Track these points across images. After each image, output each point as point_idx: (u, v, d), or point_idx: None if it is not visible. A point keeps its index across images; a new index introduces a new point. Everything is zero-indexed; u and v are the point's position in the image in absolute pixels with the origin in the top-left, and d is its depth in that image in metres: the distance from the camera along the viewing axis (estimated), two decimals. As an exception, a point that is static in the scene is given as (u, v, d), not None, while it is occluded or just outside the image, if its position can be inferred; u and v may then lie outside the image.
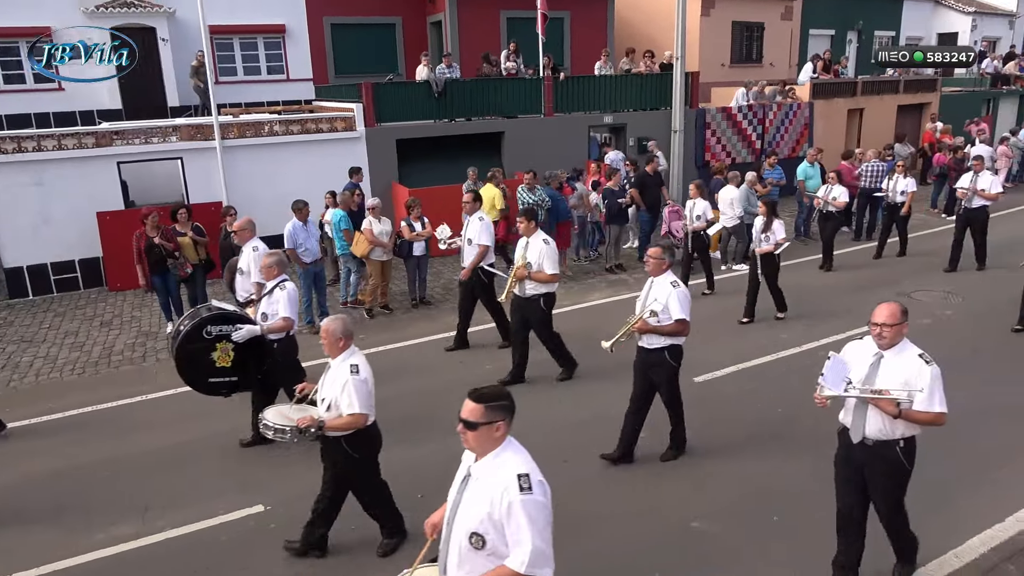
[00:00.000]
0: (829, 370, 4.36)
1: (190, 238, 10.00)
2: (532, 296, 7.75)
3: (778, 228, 9.73)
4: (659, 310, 5.97)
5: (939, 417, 4.23)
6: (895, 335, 4.31)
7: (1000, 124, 25.12)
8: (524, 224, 7.82)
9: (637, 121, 17.26)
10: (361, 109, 14.36)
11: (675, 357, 6.16)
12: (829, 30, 26.50)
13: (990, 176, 11.87)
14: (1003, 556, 5.08)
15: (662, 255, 6.14)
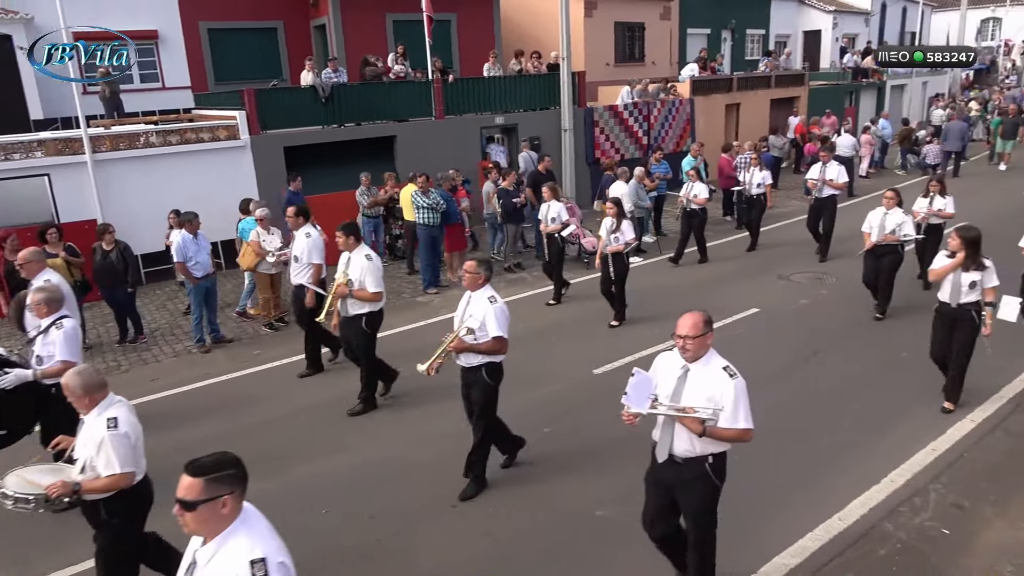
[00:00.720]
0: (633, 387, 4.12)
1: (63, 259, 9.32)
2: (354, 315, 7.25)
3: (627, 228, 9.62)
4: (476, 327, 5.65)
5: (744, 434, 4.08)
6: (699, 347, 4.09)
7: (862, 115, 27.07)
8: (343, 239, 7.24)
9: (528, 121, 17.50)
10: (244, 117, 13.87)
11: (493, 375, 5.83)
12: (705, 29, 27.72)
13: (837, 166, 12.37)
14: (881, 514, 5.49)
15: (478, 269, 5.80)
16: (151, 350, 9.86)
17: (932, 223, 10.25)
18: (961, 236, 6.56)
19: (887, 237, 9.18)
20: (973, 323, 6.64)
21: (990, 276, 6.55)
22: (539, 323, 10.21)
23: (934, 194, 10.27)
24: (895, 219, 9.19)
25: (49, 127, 15.13)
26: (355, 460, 6.64)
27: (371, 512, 5.79)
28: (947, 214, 10.19)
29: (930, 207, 10.22)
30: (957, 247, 6.56)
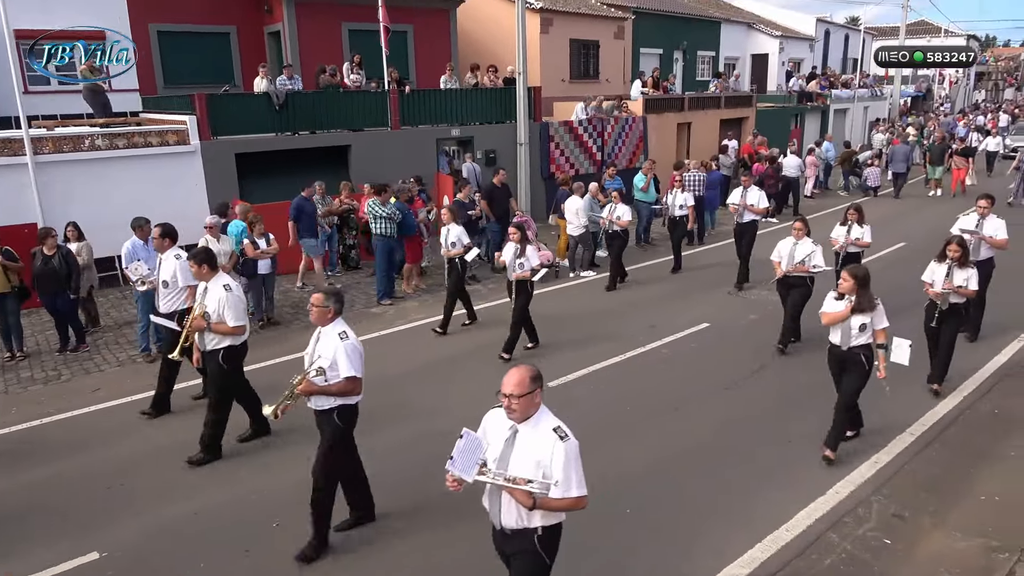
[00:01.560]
0: (460, 451, 3.67)
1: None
2: (212, 350, 6.61)
3: (532, 254, 9.13)
4: (326, 366, 5.12)
5: (577, 502, 3.66)
6: (526, 407, 3.66)
7: (807, 136, 27.98)
8: (196, 268, 6.59)
9: (484, 134, 17.58)
10: (195, 121, 13.58)
11: (345, 418, 5.30)
12: (657, 49, 28.33)
13: (758, 192, 12.26)
14: (826, 525, 5.65)
15: (325, 302, 5.22)
16: (94, 359, 9.54)
17: (850, 252, 10.02)
18: (853, 275, 6.31)
19: (797, 267, 8.93)
20: (862, 367, 6.38)
21: (880, 317, 6.34)
22: (451, 350, 9.79)
23: (852, 222, 10.07)
24: (804, 249, 8.95)
25: (-13, 127, 14.55)
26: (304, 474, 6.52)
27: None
28: (864, 243, 10.04)
29: (848, 236, 10.02)
30: (849, 289, 6.28)
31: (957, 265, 7.61)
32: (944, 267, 7.69)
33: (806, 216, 13.22)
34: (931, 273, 7.82)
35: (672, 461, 6.63)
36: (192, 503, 6.06)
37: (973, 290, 7.63)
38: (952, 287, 7.58)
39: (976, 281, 7.67)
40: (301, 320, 11.01)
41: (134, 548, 5.49)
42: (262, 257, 10.28)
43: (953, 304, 7.69)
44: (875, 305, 6.32)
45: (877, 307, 6.34)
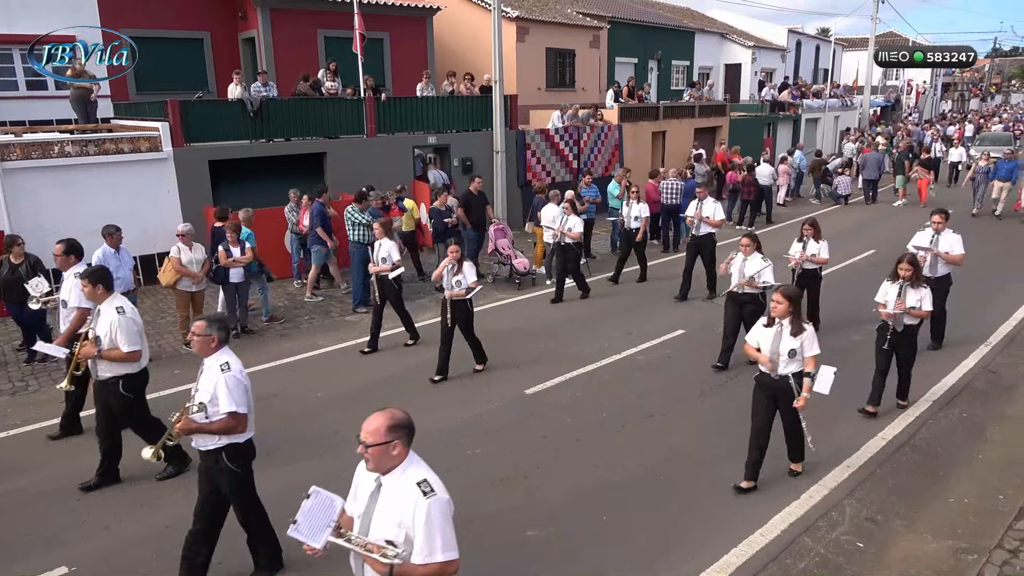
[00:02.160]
0: (305, 513, 3.27)
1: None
2: (108, 379, 6.12)
3: (469, 271, 8.57)
4: (207, 401, 4.69)
5: (444, 568, 3.13)
6: (380, 457, 3.17)
7: (779, 145, 28.39)
8: (89, 288, 6.04)
9: (460, 142, 17.60)
10: (168, 128, 13.44)
11: (237, 459, 4.80)
12: (632, 58, 28.58)
13: (713, 203, 11.96)
14: (801, 529, 5.71)
15: (207, 330, 4.75)
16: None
17: (807, 268, 9.77)
18: (787, 297, 5.95)
19: (746, 283, 8.57)
20: (793, 394, 5.98)
21: (811, 343, 5.95)
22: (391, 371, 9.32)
23: (808, 238, 9.70)
24: (754, 266, 8.56)
25: (-48, 132, 14.26)
26: (268, 489, 6.46)
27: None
28: (821, 259, 9.70)
29: (803, 252, 9.68)
30: (783, 312, 5.91)
31: (910, 285, 7.27)
32: (896, 287, 7.34)
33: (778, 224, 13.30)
34: (883, 293, 7.45)
35: (648, 467, 6.67)
36: (162, 517, 5.96)
37: (927, 311, 7.32)
38: (905, 308, 7.25)
39: (930, 301, 7.32)
40: (275, 328, 10.92)
41: (102, 562, 5.40)
42: (234, 265, 10.17)
43: (908, 326, 7.38)
44: (804, 329, 5.94)
45: (808, 332, 5.96)
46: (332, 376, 9.06)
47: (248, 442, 4.90)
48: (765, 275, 8.53)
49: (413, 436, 3.29)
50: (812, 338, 5.97)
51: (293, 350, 9.97)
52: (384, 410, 3.27)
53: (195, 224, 11.59)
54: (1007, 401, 8.07)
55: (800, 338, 5.90)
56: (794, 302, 5.96)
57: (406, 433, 3.25)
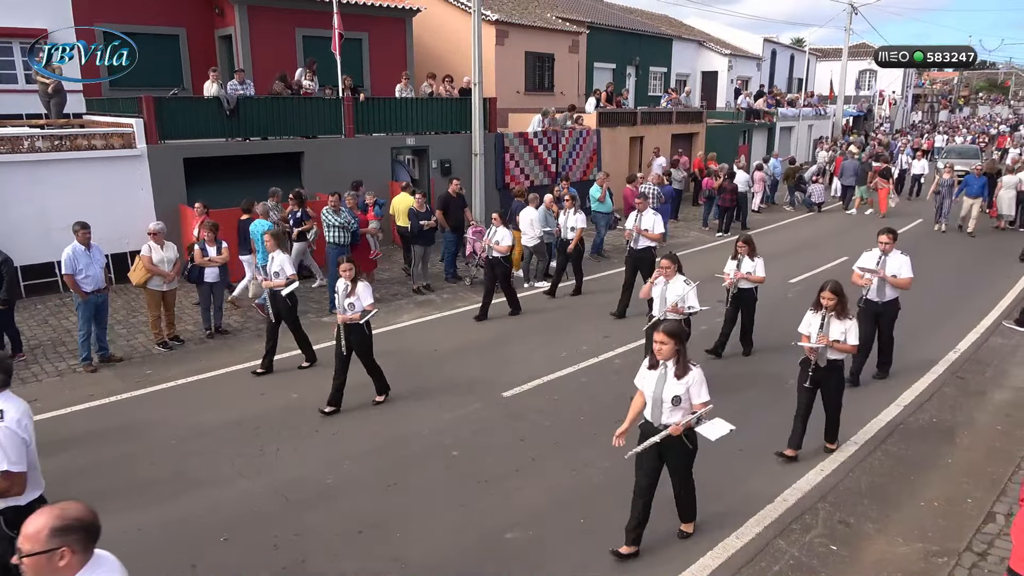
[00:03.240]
0: None
1: None
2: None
3: (364, 292, 7.69)
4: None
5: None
6: (38, 569, 2.53)
7: (755, 152, 28.74)
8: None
9: (439, 144, 17.56)
10: (142, 125, 13.23)
11: (14, 524, 3.82)
12: (611, 64, 28.76)
13: (652, 215, 11.33)
14: (775, 532, 5.78)
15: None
16: (31, 368, 9.17)
17: (742, 287, 9.21)
18: (671, 335, 5.10)
19: (671, 309, 7.88)
20: (684, 447, 5.20)
21: (699, 387, 5.10)
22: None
23: (742, 256, 9.08)
24: (676, 290, 7.91)
25: (-83, 125, 13.93)
26: (255, 486, 6.39)
27: (274, 541, 5.58)
28: (756, 278, 9.12)
29: (738, 270, 9.09)
30: (668, 353, 5.09)
31: (834, 315, 6.54)
32: (819, 317, 6.61)
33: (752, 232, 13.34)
34: (807, 324, 6.73)
35: (625, 471, 6.67)
36: (136, 518, 5.86)
37: (852, 345, 6.58)
38: (828, 341, 6.51)
39: (855, 334, 6.56)
40: (251, 328, 10.80)
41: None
42: (210, 265, 10.04)
43: (832, 361, 6.65)
44: (690, 370, 5.11)
45: (692, 373, 5.11)
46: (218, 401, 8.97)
47: (32, 504, 3.97)
48: (690, 299, 7.89)
49: (95, 537, 2.63)
50: (700, 382, 5.12)
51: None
52: (52, 508, 2.61)
53: (170, 222, 11.46)
54: (946, 441, 7.38)
55: (685, 382, 5.07)
56: (680, 341, 5.14)
57: (81, 537, 2.57)
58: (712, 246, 17.22)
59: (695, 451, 5.30)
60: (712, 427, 5.37)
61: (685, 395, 5.08)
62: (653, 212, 11.46)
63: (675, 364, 5.11)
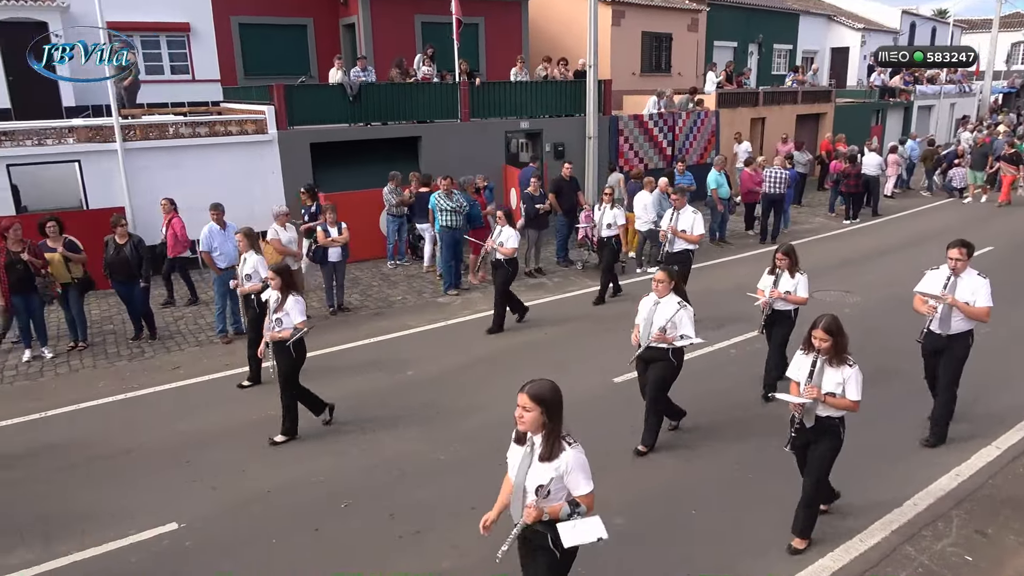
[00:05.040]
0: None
1: (60, 255, 9.15)
2: None
3: (293, 307, 6.69)
4: None
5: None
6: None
7: (888, 134, 26.89)
8: None
9: (553, 127, 17.52)
10: (273, 111, 13.98)
11: None
12: (732, 42, 27.66)
13: (692, 214, 9.91)
14: (903, 538, 5.44)
15: None
16: (174, 338, 9.95)
17: (778, 309, 7.45)
18: (537, 399, 3.57)
19: (658, 336, 6.30)
20: (548, 551, 3.75)
21: (576, 474, 3.64)
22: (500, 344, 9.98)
23: (781, 270, 7.41)
24: (666, 311, 6.32)
25: (80, 114, 15.32)
26: (371, 459, 6.66)
27: (390, 511, 5.81)
28: (797, 299, 7.32)
29: (775, 288, 7.40)
30: (531, 424, 3.61)
31: (827, 361, 5.01)
32: (809, 361, 5.09)
33: (885, 217, 12.29)
34: (796, 370, 5.20)
35: (743, 462, 6.50)
36: (266, 481, 6.25)
37: (852, 401, 4.96)
38: (818, 394, 4.98)
39: (856, 387, 4.95)
40: (370, 307, 11.23)
41: (210, 521, 5.71)
42: (332, 245, 10.51)
43: (823, 419, 5.08)
44: (564, 448, 3.64)
45: (567, 455, 3.63)
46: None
47: None
48: (683, 326, 6.29)
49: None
50: (577, 467, 3.63)
51: (381, 330, 10.19)
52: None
53: (295, 205, 12.06)
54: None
55: (555, 466, 3.62)
56: (549, 408, 3.58)
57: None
58: (837, 233, 16.34)
59: (567, 558, 3.79)
60: (578, 529, 3.67)
61: (549, 485, 3.60)
62: (693, 211, 10.12)
63: (542, 441, 3.65)
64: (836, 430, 5.09)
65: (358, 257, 12.64)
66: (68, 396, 8.11)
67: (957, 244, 6.49)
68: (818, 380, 5.00)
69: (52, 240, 9.22)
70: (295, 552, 5.34)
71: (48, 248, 9.15)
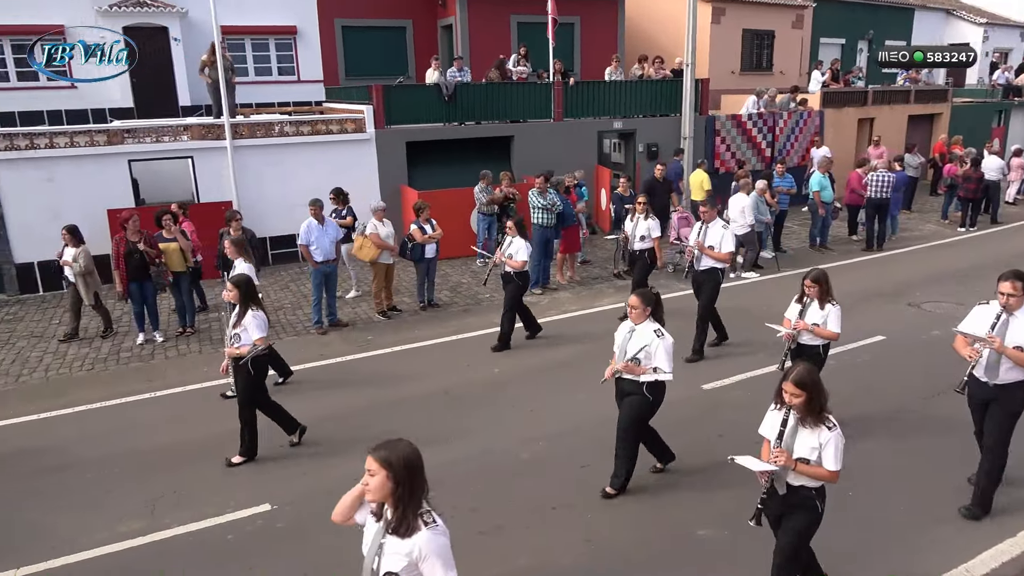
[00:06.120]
0: None
1: (177, 245, 9.80)
2: None
3: (252, 323, 6.35)
4: None
5: None
6: None
7: (1012, 136, 25.07)
8: None
9: (647, 127, 17.26)
10: (371, 111, 14.39)
11: None
12: (839, 39, 26.46)
13: (722, 229, 8.83)
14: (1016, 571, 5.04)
15: None
16: (273, 328, 10.37)
17: (804, 343, 6.54)
18: (384, 463, 3.01)
19: (629, 367, 5.66)
20: None
21: (433, 565, 2.97)
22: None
23: (810, 299, 6.50)
24: (640, 340, 5.64)
25: (194, 113, 16.24)
26: (456, 452, 6.74)
27: (473, 504, 5.86)
28: (826, 333, 6.42)
29: (800, 319, 6.50)
30: (380, 490, 3.02)
31: (800, 421, 4.17)
32: (779, 421, 4.26)
33: (1005, 225, 11.50)
34: (768, 427, 4.38)
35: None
36: (350, 468, 6.41)
37: (830, 472, 4.10)
38: (788, 461, 4.14)
39: (834, 454, 4.07)
40: (459, 303, 11.38)
41: (301, 504, 5.91)
42: (428, 242, 10.70)
43: (795, 488, 4.22)
44: (418, 530, 2.97)
45: (422, 532, 2.97)
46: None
47: None
48: (657, 357, 5.59)
49: None
50: (434, 554, 2.95)
51: (469, 327, 10.31)
52: None
53: (392, 202, 12.37)
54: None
55: (407, 549, 2.97)
56: (398, 473, 2.99)
57: None
58: (951, 241, 15.37)
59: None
60: None
61: (409, 573, 2.99)
62: (723, 225, 8.92)
63: (392, 513, 3.02)
64: (811, 503, 4.19)
65: (448, 255, 12.84)
66: (176, 378, 8.62)
67: (1010, 276, 5.32)
68: (789, 442, 4.16)
69: (167, 231, 9.83)
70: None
71: (164, 239, 9.76)
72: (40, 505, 6.03)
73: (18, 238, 12.09)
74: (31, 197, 12.02)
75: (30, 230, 12.02)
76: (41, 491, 6.26)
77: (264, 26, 18.08)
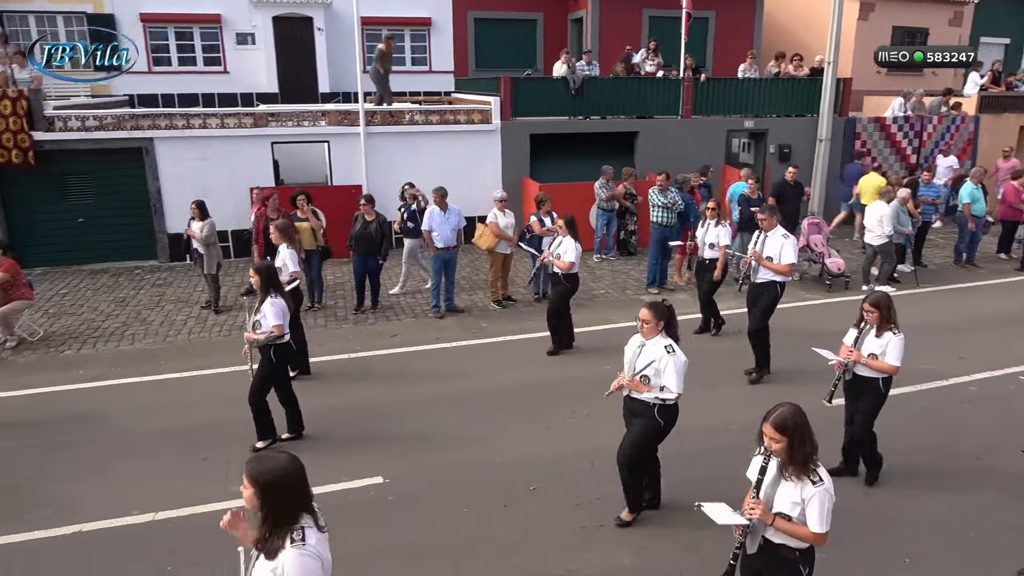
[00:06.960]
0: None
1: (309, 225, 10.23)
2: None
3: (270, 310, 6.33)
4: None
5: None
6: None
7: None
8: None
9: (779, 127, 16.53)
10: (498, 103, 14.58)
11: None
12: (1004, 39, 24.31)
13: (782, 239, 7.95)
14: None
15: None
16: (394, 308, 10.78)
17: (861, 374, 5.79)
18: (250, 475, 2.87)
19: (633, 383, 5.27)
20: None
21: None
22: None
23: (869, 326, 5.75)
24: (649, 356, 5.20)
25: (332, 100, 17.07)
26: (564, 446, 6.74)
27: (577, 500, 5.85)
28: (883, 367, 5.65)
29: (856, 348, 5.77)
30: (251, 505, 2.92)
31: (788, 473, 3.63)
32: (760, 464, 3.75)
33: None
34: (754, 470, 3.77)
35: (948, 514, 5.72)
36: (466, 453, 6.58)
37: (815, 534, 3.52)
38: (770, 517, 3.61)
39: (819, 514, 3.50)
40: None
41: (412, 480, 6.12)
42: (547, 234, 10.74)
43: (777, 547, 3.67)
44: (284, 547, 2.80)
45: (287, 551, 2.79)
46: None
47: None
48: (667, 375, 5.13)
49: None
50: (296, 574, 2.78)
51: (583, 322, 10.26)
52: None
53: (513, 193, 12.50)
54: None
55: (272, 567, 2.82)
56: (264, 490, 2.83)
57: None
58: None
59: None
60: None
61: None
62: (783, 234, 8.10)
63: (259, 535, 2.87)
64: (794, 566, 3.60)
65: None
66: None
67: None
68: (769, 495, 3.61)
69: (301, 211, 10.32)
70: (484, 523, 5.57)
71: (298, 218, 10.28)
72: (164, 459, 6.52)
73: (172, 210, 13.12)
74: (185, 174, 13.02)
75: (183, 204, 12.95)
76: (164, 444, 6.78)
77: (401, 17, 18.74)
